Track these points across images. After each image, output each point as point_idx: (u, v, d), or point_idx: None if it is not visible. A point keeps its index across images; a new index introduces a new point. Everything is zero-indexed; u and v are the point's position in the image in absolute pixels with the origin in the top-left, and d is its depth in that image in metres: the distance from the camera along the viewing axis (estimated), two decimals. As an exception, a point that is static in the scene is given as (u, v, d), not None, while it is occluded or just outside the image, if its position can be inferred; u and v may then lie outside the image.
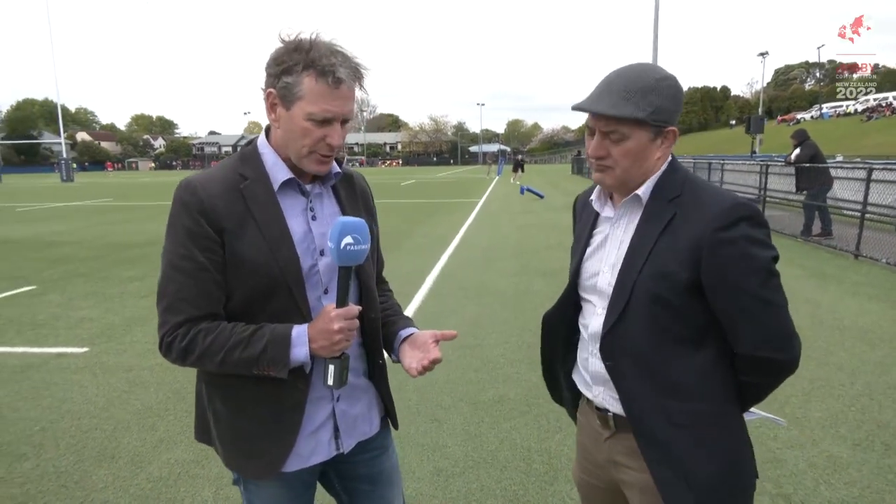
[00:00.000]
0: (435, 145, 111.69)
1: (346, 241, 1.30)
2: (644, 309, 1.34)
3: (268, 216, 1.37)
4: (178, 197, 1.35)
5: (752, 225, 1.28)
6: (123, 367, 4.60)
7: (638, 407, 1.38)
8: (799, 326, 4.96)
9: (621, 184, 1.39)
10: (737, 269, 1.27)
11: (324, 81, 1.30)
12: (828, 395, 3.96)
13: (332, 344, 1.33)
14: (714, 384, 1.36)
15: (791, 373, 1.38)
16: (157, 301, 1.38)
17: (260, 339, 1.33)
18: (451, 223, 13.87)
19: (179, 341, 1.33)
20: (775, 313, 1.31)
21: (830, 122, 61.50)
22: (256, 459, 1.44)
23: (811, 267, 8.15)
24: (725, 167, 18.19)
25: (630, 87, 1.31)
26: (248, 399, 1.42)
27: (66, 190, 32.87)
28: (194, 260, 1.33)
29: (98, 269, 8.71)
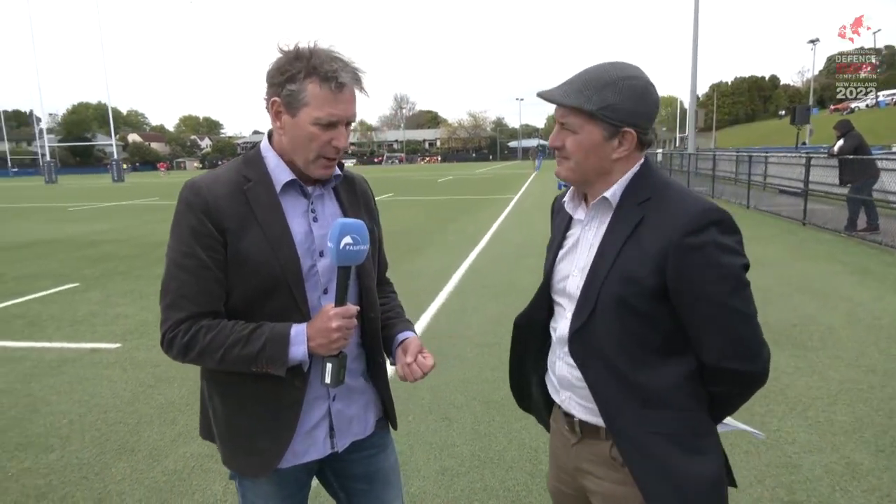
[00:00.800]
0: (474, 141, 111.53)
1: (346, 242, 1.34)
2: (611, 313, 1.32)
3: (270, 217, 1.41)
4: (183, 197, 1.40)
5: (722, 231, 1.25)
6: (152, 363, 4.77)
7: (616, 413, 1.35)
8: (832, 325, 4.82)
9: (577, 178, 1.38)
10: (704, 276, 1.24)
11: (327, 87, 1.35)
12: (855, 399, 3.80)
13: (329, 342, 1.36)
14: (686, 392, 1.33)
15: (760, 385, 1.34)
16: (160, 298, 1.42)
17: (259, 338, 1.37)
18: (484, 220, 13.84)
19: (181, 338, 1.37)
20: (743, 323, 1.27)
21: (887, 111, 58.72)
22: (254, 457, 1.47)
23: (853, 263, 7.82)
24: (769, 160, 17.60)
25: (590, 80, 1.31)
26: (246, 397, 1.45)
27: (115, 190, 34.16)
28: (197, 258, 1.37)
29: (137, 266, 9.04)
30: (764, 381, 1.33)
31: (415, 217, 14.69)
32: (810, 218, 11.33)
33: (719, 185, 17.91)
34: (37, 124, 70.81)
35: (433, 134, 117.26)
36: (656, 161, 29.95)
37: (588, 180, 1.38)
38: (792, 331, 5.16)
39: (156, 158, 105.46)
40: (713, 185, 17.92)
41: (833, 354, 4.58)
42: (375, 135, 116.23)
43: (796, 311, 5.76)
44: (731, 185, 18.02)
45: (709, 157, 20.29)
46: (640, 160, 1.37)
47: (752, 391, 1.37)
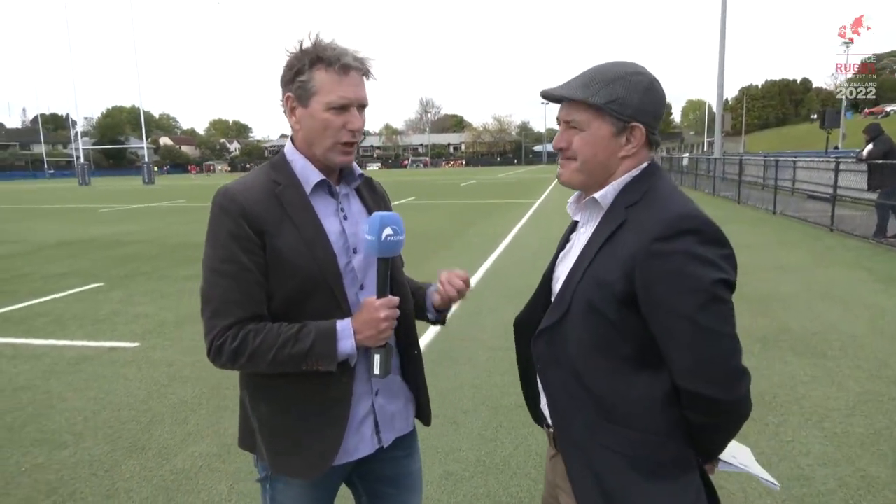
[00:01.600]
0: (499, 145, 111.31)
1: (387, 233, 1.37)
2: (581, 317, 1.27)
3: (304, 218, 1.44)
4: (217, 203, 1.42)
5: (700, 241, 1.16)
6: (167, 362, 4.86)
7: (566, 421, 1.31)
8: (855, 334, 4.70)
9: (582, 179, 1.33)
10: (670, 286, 1.16)
11: (333, 71, 1.39)
12: (875, 410, 3.69)
13: (378, 333, 1.39)
14: (656, 413, 1.24)
15: (736, 416, 1.23)
16: (202, 309, 1.43)
17: (307, 335, 1.38)
18: (505, 224, 13.80)
19: (230, 343, 1.37)
20: (714, 344, 1.17)
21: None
22: (304, 456, 1.48)
23: (880, 271, 7.60)
24: (798, 165, 17.25)
25: (595, 75, 1.28)
26: (293, 397, 1.46)
27: (146, 192, 34.89)
28: (238, 262, 1.38)
29: (160, 267, 9.21)
30: (738, 412, 1.22)
31: (435, 220, 14.71)
32: (838, 224, 11.06)
33: (745, 190, 17.58)
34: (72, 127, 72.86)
35: (458, 138, 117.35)
36: (680, 165, 29.51)
37: (595, 181, 1.32)
38: (812, 339, 5.03)
39: (186, 161, 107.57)
40: (739, 190, 17.62)
41: (853, 364, 4.45)
42: (401, 139, 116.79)
43: (818, 318, 5.61)
44: (757, 189, 17.68)
45: (735, 161, 19.94)
46: (646, 163, 1.32)
47: (729, 423, 1.25)
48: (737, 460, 1.39)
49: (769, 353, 4.73)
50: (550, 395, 1.35)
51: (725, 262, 1.18)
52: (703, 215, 1.20)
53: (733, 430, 1.27)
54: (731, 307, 1.19)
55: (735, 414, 1.22)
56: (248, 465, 3.22)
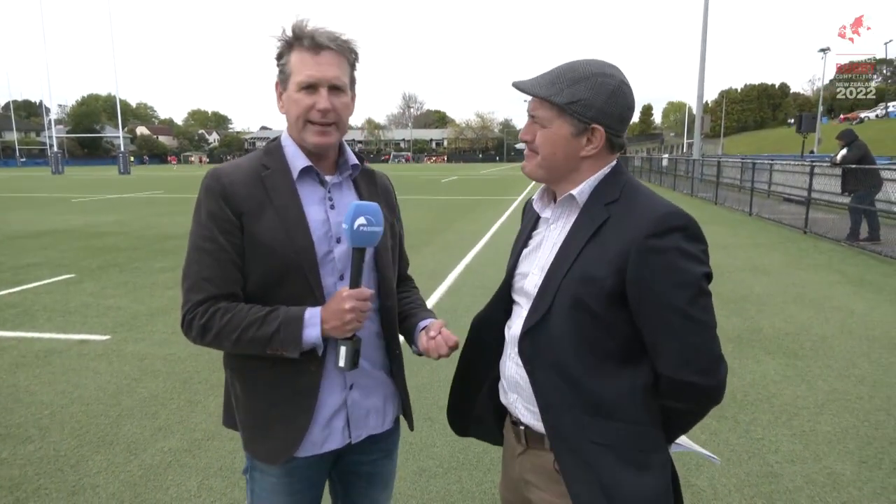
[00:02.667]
0: (481, 142, 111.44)
1: (360, 223, 1.36)
2: (567, 314, 1.27)
3: (286, 202, 1.44)
4: (203, 184, 1.44)
5: (687, 237, 1.22)
6: (138, 356, 4.77)
7: (557, 419, 1.31)
8: (825, 335, 4.79)
9: (544, 174, 1.35)
10: (663, 280, 1.20)
11: (304, 50, 1.41)
12: (842, 409, 3.76)
13: (343, 324, 1.37)
14: (639, 405, 1.28)
15: (715, 401, 1.29)
16: (181, 282, 1.45)
17: (274, 320, 1.38)
18: (485, 221, 13.81)
19: (199, 319, 1.39)
20: (701, 333, 1.23)
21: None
22: (270, 441, 1.48)
23: (851, 273, 7.76)
24: (774, 168, 17.52)
25: (563, 73, 1.29)
26: (264, 382, 1.47)
27: (121, 182, 34.27)
28: (216, 241, 1.40)
29: (134, 259, 9.05)
30: (718, 397, 1.27)
31: (416, 217, 14.65)
32: (812, 227, 11.26)
33: (723, 192, 17.83)
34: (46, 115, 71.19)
35: (440, 134, 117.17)
36: (660, 166, 29.83)
37: (555, 177, 1.35)
38: (785, 339, 5.12)
39: (163, 151, 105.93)
40: (717, 192, 17.85)
41: (823, 364, 4.53)
42: (383, 133, 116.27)
43: (791, 319, 5.71)
44: (735, 191, 17.94)
45: (714, 163, 20.20)
46: (612, 163, 1.34)
47: (706, 408, 1.32)
48: (683, 440, 1.45)
49: (742, 352, 4.80)
50: (538, 392, 1.34)
51: (706, 257, 1.25)
52: (686, 213, 1.25)
53: (703, 415, 1.35)
54: (712, 298, 1.25)
55: (714, 399, 1.27)
56: (219, 461, 3.17)
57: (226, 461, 3.17)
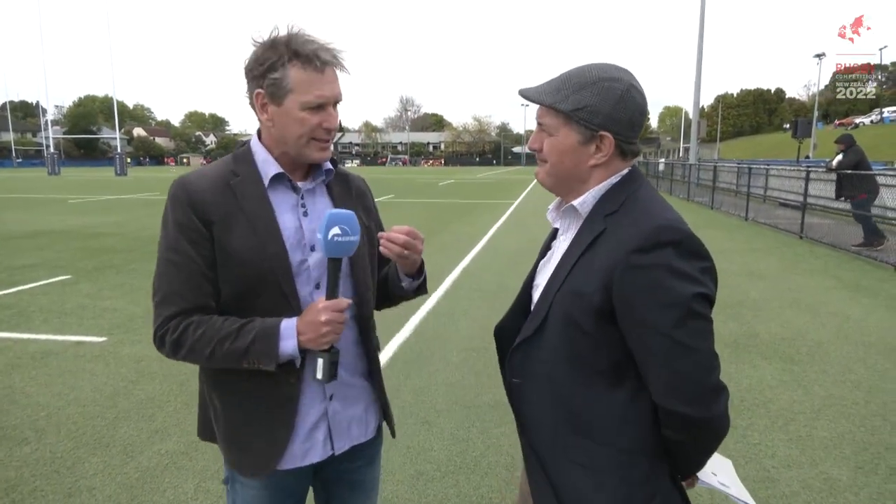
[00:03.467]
0: (478, 145, 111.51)
1: (334, 233, 1.32)
2: (559, 329, 1.23)
3: (257, 211, 1.39)
4: (170, 193, 1.39)
5: (679, 254, 1.12)
6: (135, 358, 4.75)
7: (535, 435, 1.30)
8: (821, 340, 4.79)
9: (553, 183, 1.31)
10: (646, 300, 1.12)
11: (311, 68, 1.34)
12: (838, 414, 3.77)
13: (319, 336, 1.33)
14: (631, 429, 1.21)
15: (712, 434, 1.19)
16: (152, 296, 1.40)
17: (249, 332, 1.34)
18: (482, 224, 13.83)
19: (171, 334, 1.35)
20: (689, 360, 1.12)
21: (892, 127, 58.66)
22: (250, 455, 1.45)
23: (847, 279, 7.78)
24: (770, 173, 17.58)
25: (569, 79, 1.24)
26: (242, 394, 1.44)
27: (118, 183, 34.21)
28: (184, 253, 1.35)
29: (131, 260, 9.03)
30: (715, 430, 1.18)
31: (413, 219, 14.66)
32: (807, 232, 11.30)
33: (719, 196, 17.88)
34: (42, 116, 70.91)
35: (437, 137, 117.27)
36: (656, 170, 29.89)
37: (565, 186, 1.30)
38: (781, 344, 5.13)
39: (160, 153, 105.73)
40: (713, 196, 17.90)
41: (820, 369, 4.55)
42: (380, 136, 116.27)
43: (787, 324, 5.73)
44: (731, 196, 17.99)
45: (710, 168, 20.27)
46: (624, 171, 1.27)
47: (704, 440, 1.21)
48: (717, 478, 1.37)
49: (739, 357, 4.81)
50: (521, 407, 1.32)
51: (704, 276, 1.15)
52: (682, 226, 1.16)
53: (711, 448, 1.24)
54: (710, 322, 1.15)
55: (712, 432, 1.18)
56: (216, 464, 3.16)
57: (223, 464, 3.16)
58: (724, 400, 1.16)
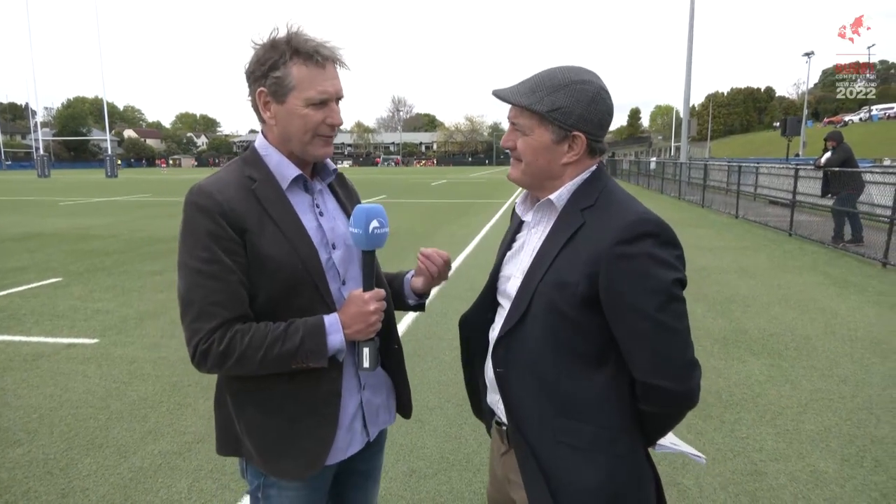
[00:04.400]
0: (470, 145, 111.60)
1: (374, 225, 1.37)
2: (542, 318, 1.29)
3: (283, 214, 1.41)
4: (192, 202, 1.35)
5: (658, 243, 1.22)
6: (128, 359, 4.75)
7: (523, 419, 1.34)
8: (809, 336, 4.86)
9: (527, 181, 1.37)
10: (633, 287, 1.20)
11: (312, 64, 1.36)
12: (825, 408, 3.83)
13: (368, 326, 1.39)
14: (612, 408, 1.30)
15: (689, 406, 1.28)
16: (182, 313, 1.35)
17: (296, 333, 1.35)
18: (475, 224, 13.85)
19: (217, 346, 1.32)
20: (672, 339, 1.22)
21: (880, 125, 59.18)
22: (298, 457, 1.44)
23: (834, 274, 7.88)
24: (760, 171, 17.71)
25: (542, 81, 1.30)
26: (284, 398, 1.43)
27: (108, 185, 33.99)
28: (220, 262, 1.32)
29: (122, 262, 9.00)
30: (692, 402, 1.27)
31: (406, 219, 14.67)
32: (797, 229, 11.41)
33: (710, 195, 18.00)
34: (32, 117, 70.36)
35: (430, 137, 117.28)
36: (648, 169, 30.02)
37: (538, 184, 1.37)
38: (769, 340, 5.19)
39: (151, 154, 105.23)
40: (703, 195, 18.02)
41: (807, 364, 4.61)
42: (372, 137, 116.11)
43: (775, 320, 5.79)
44: (721, 194, 18.12)
45: (700, 166, 20.39)
46: (592, 167, 1.35)
47: (681, 412, 1.33)
48: (667, 440, 1.47)
49: (728, 353, 4.86)
50: (508, 395, 1.36)
51: (679, 262, 1.24)
52: (659, 218, 1.25)
53: (681, 418, 1.36)
54: (685, 303, 1.24)
55: (687, 403, 1.27)
56: (210, 463, 3.18)
57: (216, 463, 3.18)
58: (698, 375, 1.26)
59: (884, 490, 2.92)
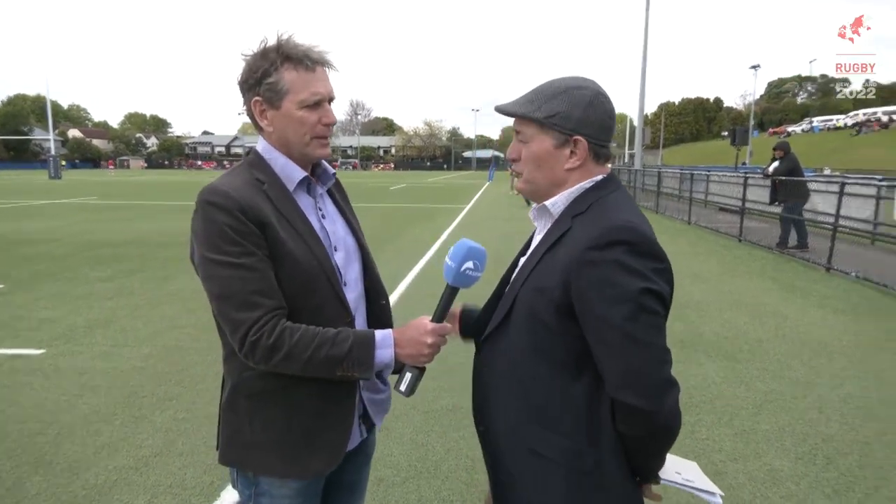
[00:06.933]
0: (429, 150, 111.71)
1: (468, 266, 1.39)
2: (522, 322, 1.29)
3: (294, 214, 1.44)
4: (210, 202, 1.35)
5: (630, 252, 1.16)
6: (77, 370, 4.55)
7: (494, 422, 1.35)
8: (761, 339, 4.98)
9: (532, 189, 1.37)
10: (599, 294, 1.16)
11: (302, 68, 1.41)
12: (779, 409, 3.97)
13: (419, 355, 1.40)
14: (583, 420, 1.25)
15: (662, 430, 1.20)
16: (220, 308, 1.35)
17: (345, 340, 1.36)
18: (435, 228, 13.87)
19: (266, 339, 1.32)
20: (640, 353, 1.15)
21: (821, 136, 62.15)
22: (321, 451, 1.47)
23: (782, 280, 8.19)
24: (711, 178, 18.30)
25: (540, 91, 1.32)
26: (308, 394, 1.44)
27: (52, 187, 32.61)
28: (251, 254, 1.34)
29: (69, 268, 8.62)
30: (666, 425, 1.19)
31: (366, 224, 14.40)
32: (746, 235, 11.83)
33: (663, 201, 18.50)
34: (-32, 116, 67.02)
35: (388, 141, 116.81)
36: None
37: (543, 191, 1.36)
38: (724, 343, 5.35)
39: (98, 155, 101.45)
40: (658, 201, 18.50)
41: (760, 366, 4.77)
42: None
43: (728, 324, 5.98)
44: (674, 201, 18.65)
45: (654, 173, 20.94)
46: (601, 175, 1.33)
47: (656, 436, 1.22)
48: (680, 476, 1.38)
49: (686, 356, 4.99)
50: (486, 396, 1.38)
51: (656, 275, 1.18)
52: (638, 227, 1.20)
53: (664, 445, 1.26)
54: (661, 318, 1.19)
55: (663, 426, 1.20)
56: (169, 478, 3.07)
57: (176, 478, 3.07)
58: (674, 395, 1.18)
59: (836, 486, 3.04)
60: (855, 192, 9.82)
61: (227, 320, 1.35)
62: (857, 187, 10.00)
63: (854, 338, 5.53)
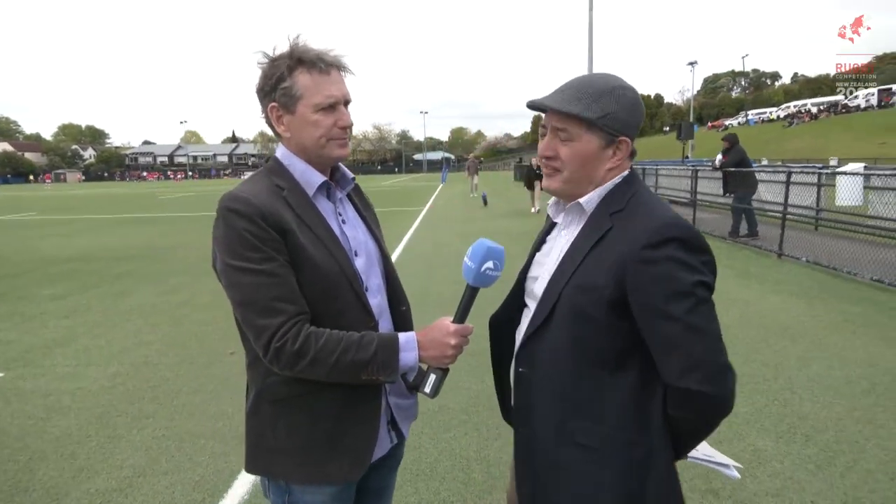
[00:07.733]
0: (379, 154, 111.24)
1: (487, 266, 1.37)
2: (567, 321, 1.29)
3: (315, 220, 1.43)
4: (231, 209, 1.34)
5: (684, 248, 1.21)
6: (41, 393, 4.33)
7: (538, 421, 1.35)
8: (727, 325, 5.10)
9: (568, 189, 1.35)
10: (660, 290, 1.20)
11: (316, 71, 1.40)
12: (753, 391, 4.12)
13: (443, 356, 1.39)
14: (631, 413, 1.28)
15: (723, 412, 1.25)
16: (243, 315, 1.35)
17: (370, 343, 1.35)
18: (396, 231, 13.78)
19: (291, 344, 1.30)
20: (703, 341, 1.20)
21: (756, 128, 64.88)
22: (350, 454, 1.45)
23: (737, 267, 8.51)
24: (660, 172, 18.86)
25: (585, 88, 1.30)
26: (331, 399, 1.42)
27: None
28: (274, 260, 1.33)
29: (16, 287, 8.19)
30: (725, 407, 1.24)
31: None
32: (699, 225, 12.19)
33: (616, 196, 18.88)
34: None
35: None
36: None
37: (580, 190, 1.35)
38: (693, 331, 5.51)
39: (30, 169, 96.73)
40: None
41: (731, 351, 4.71)
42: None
43: (695, 312, 6.15)
44: (626, 195, 19.07)
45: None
46: (625, 172, 1.36)
47: (714, 419, 1.28)
48: (700, 452, 1.46)
49: (658, 345, 5.11)
50: (528, 396, 1.37)
51: (706, 267, 1.24)
52: (685, 223, 1.25)
53: (715, 425, 1.31)
54: (713, 306, 1.24)
55: (722, 409, 1.24)
56: (156, 497, 2.96)
57: (164, 497, 2.96)
58: (733, 379, 1.24)
59: (818, 462, 3.17)
60: (800, 181, 10.27)
61: (251, 327, 1.34)
62: (802, 176, 10.46)
63: (812, 320, 5.79)
